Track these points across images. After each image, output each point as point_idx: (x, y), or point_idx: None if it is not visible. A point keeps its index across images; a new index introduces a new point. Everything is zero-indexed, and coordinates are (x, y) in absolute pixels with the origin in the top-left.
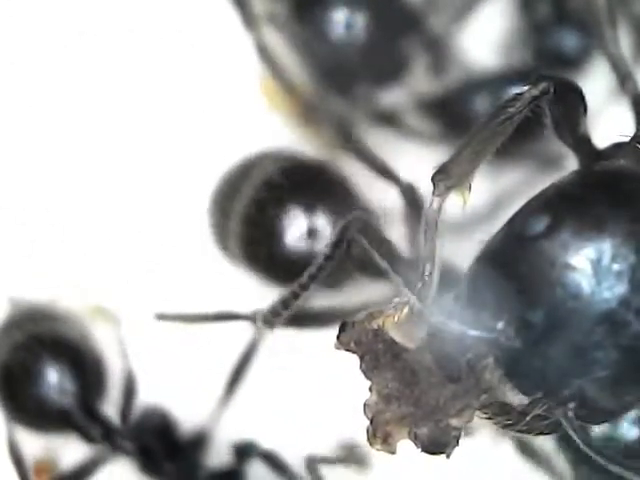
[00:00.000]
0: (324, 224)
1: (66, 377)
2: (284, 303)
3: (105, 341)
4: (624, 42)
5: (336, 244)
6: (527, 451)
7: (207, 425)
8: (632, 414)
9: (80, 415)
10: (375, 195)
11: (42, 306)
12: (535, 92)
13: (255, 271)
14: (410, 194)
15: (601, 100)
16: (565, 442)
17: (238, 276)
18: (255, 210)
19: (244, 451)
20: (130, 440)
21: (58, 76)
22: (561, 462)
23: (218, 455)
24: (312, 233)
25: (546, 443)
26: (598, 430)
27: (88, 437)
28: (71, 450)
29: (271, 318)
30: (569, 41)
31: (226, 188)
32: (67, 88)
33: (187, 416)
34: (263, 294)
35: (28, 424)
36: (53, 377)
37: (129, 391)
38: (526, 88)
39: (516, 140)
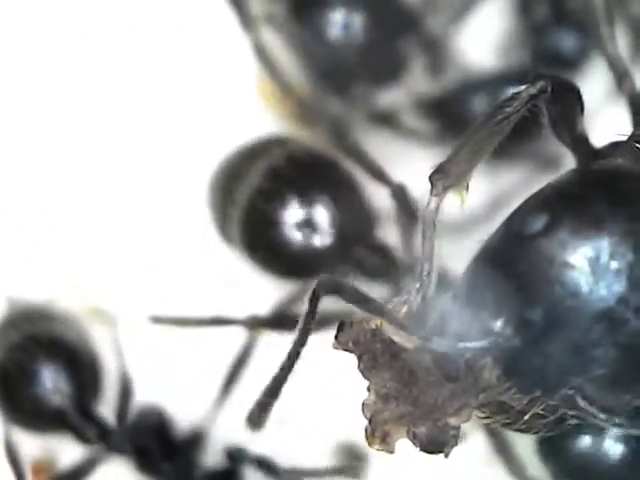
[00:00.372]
0: (327, 217)
1: (62, 378)
2: (270, 394)
3: (102, 342)
4: (622, 42)
5: (309, 314)
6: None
7: (203, 424)
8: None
9: (75, 415)
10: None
11: (39, 306)
12: (532, 91)
13: (253, 260)
14: (401, 195)
15: (599, 101)
16: (547, 454)
17: (236, 278)
18: (260, 199)
19: (235, 456)
20: (126, 440)
21: (58, 76)
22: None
23: (214, 455)
24: (314, 225)
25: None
26: (581, 447)
27: (83, 437)
28: (69, 450)
29: (257, 415)
30: (567, 42)
31: (230, 171)
32: (67, 88)
33: (183, 415)
34: (261, 297)
35: (24, 424)
36: (49, 378)
37: (125, 392)
38: (523, 87)
39: (514, 141)
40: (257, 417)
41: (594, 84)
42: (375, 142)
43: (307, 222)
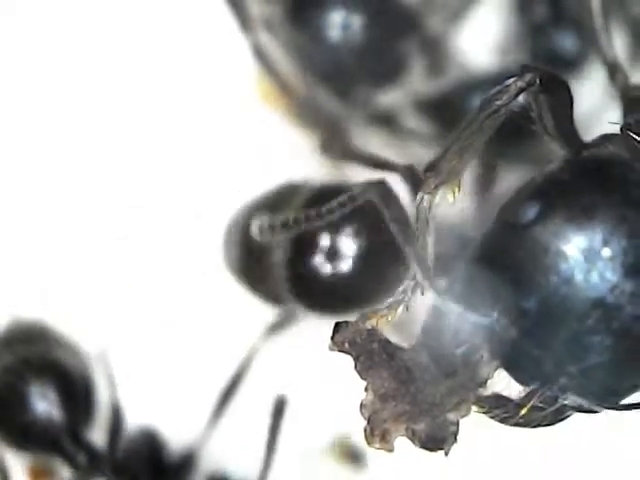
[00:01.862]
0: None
1: (54, 402)
2: (294, 222)
3: (95, 365)
4: (621, 43)
5: (359, 194)
6: None
7: (195, 448)
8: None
9: (66, 441)
10: None
11: (37, 327)
12: (521, 84)
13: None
14: (411, 175)
15: (598, 101)
16: None
17: (233, 294)
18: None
19: None
20: (116, 464)
21: (56, 78)
22: None
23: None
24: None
25: None
26: None
27: (73, 462)
28: None
29: (267, 228)
30: (566, 42)
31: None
32: (65, 90)
33: (176, 437)
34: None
35: (14, 446)
36: (41, 402)
37: (116, 419)
38: (511, 80)
39: (511, 143)
40: (267, 229)
41: (593, 85)
42: (375, 142)
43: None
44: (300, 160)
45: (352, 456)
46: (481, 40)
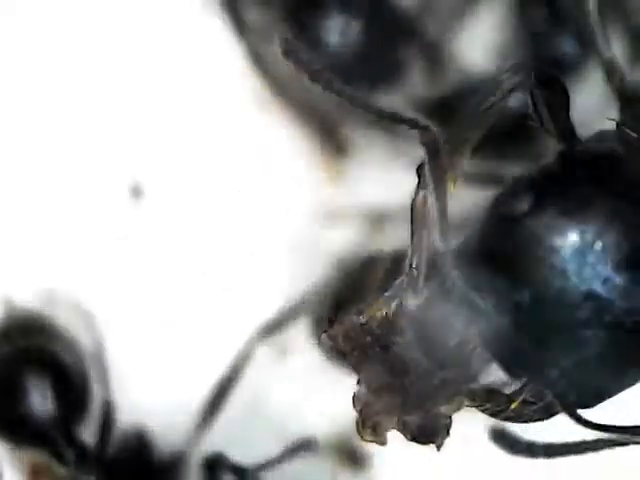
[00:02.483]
0: None
1: (49, 397)
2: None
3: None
4: (621, 45)
5: (411, 122)
6: None
7: (185, 448)
8: None
9: (57, 437)
10: None
11: (37, 318)
12: (515, 80)
13: None
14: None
15: (597, 103)
16: None
17: (229, 295)
18: None
19: (214, 464)
20: (106, 462)
21: (56, 78)
22: None
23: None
24: None
25: None
26: None
27: (62, 459)
28: None
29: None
30: (565, 45)
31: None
32: (65, 90)
33: (167, 435)
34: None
35: (6, 437)
36: (35, 395)
37: (107, 417)
38: (505, 76)
39: (513, 142)
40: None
41: (594, 89)
42: (374, 145)
43: None
44: (300, 160)
45: (352, 456)
46: (480, 43)
